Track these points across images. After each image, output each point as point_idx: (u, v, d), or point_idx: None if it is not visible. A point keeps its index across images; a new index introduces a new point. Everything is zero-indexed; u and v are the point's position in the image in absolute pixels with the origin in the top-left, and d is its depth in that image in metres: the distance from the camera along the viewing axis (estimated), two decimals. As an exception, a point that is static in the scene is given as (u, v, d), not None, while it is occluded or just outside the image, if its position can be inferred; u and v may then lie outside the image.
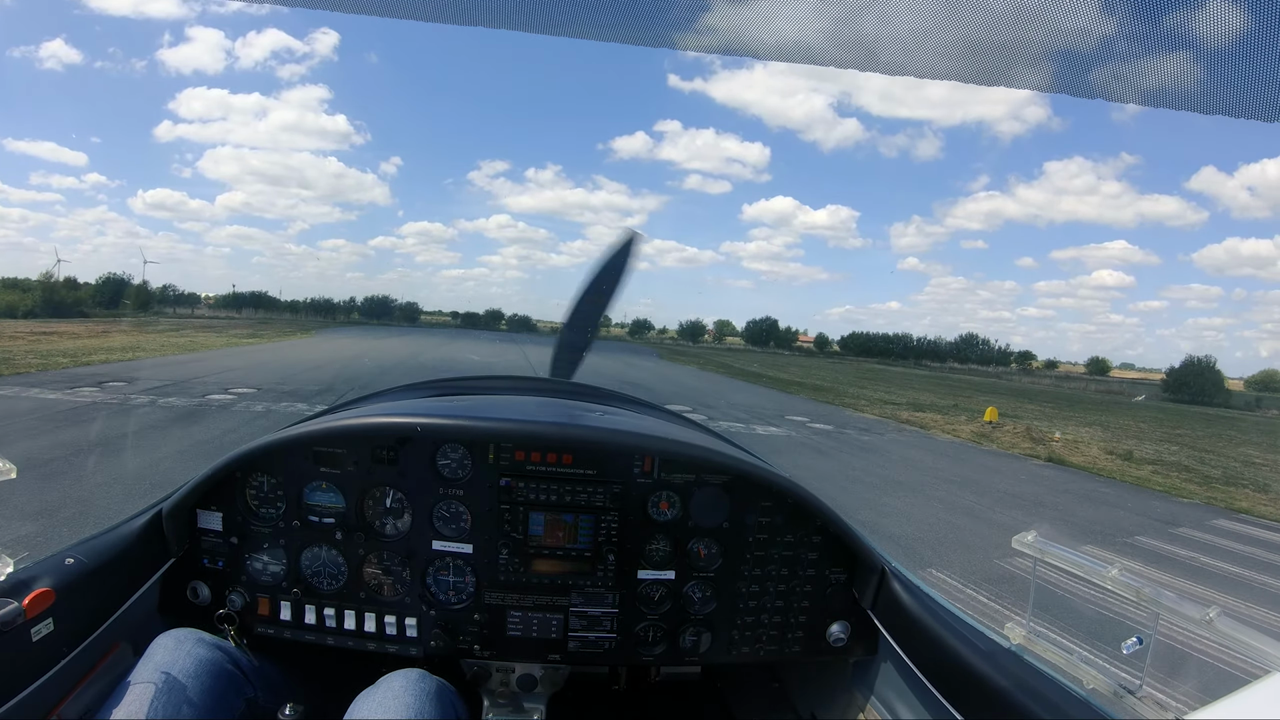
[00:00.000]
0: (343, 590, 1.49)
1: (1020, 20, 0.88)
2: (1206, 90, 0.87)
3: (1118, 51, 0.89)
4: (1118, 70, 0.91)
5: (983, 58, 0.95)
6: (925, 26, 0.92)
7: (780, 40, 0.97)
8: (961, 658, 1.26)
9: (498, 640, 1.51)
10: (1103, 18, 0.88)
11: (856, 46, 0.98)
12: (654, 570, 1.53)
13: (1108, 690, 1.08)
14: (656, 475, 1.52)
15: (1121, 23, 0.89)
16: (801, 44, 0.98)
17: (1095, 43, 0.89)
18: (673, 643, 1.55)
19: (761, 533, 1.56)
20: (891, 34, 0.95)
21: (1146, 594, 1.07)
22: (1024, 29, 0.88)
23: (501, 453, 1.49)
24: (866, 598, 1.55)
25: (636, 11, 0.97)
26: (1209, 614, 0.97)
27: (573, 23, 0.99)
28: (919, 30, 0.93)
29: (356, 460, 1.47)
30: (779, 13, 0.94)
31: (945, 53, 0.95)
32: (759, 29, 0.96)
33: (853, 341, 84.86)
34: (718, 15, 0.97)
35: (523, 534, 1.49)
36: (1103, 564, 1.16)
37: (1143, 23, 0.90)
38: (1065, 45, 0.91)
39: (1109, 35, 0.88)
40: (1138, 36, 0.89)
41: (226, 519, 1.48)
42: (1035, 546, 1.26)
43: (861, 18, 0.96)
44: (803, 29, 0.97)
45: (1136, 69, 0.90)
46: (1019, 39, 0.90)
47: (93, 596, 1.27)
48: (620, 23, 0.98)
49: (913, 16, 0.92)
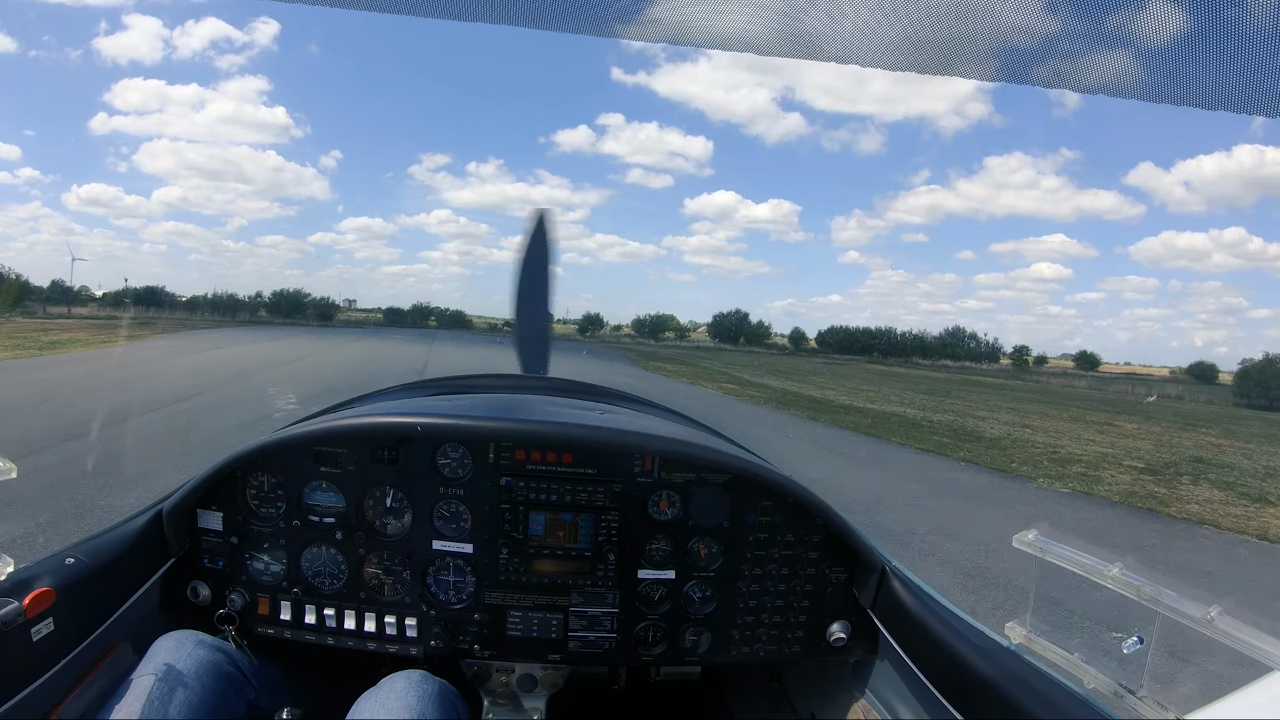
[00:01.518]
0: (343, 590, 1.48)
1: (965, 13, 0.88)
2: (1147, 79, 0.88)
3: (1060, 45, 0.90)
4: (1060, 63, 0.92)
5: (928, 50, 0.95)
6: (872, 17, 0.92)
7: (725, 30, 0.96)
8: (962, 657, 1.26)
9: (498, 640, 1.51)
10: (1046, 11, 0.88)
11: (802, 37, 0.97)
12: (654, 570, 1.53)
13: (1108, 690, 1.08)
14: (657, 474, 1.52)
15: (1064, 16, 0.89)
16: (747, 34, 0.97)
17: (1039, 36, 0.89)
18: (673, 642, 1.55)
19: (762, 532, 1.55)
20: (838, 26, 0.94)
21: (1148, 593, 1.07)
22: (969, 21, 0.89)
23: (502, 452, 1.48)
24: (866, 597, 1.55)
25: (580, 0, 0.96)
26: (1211, 613, 0.97)
27: (514, 11, 0.98)
28: (866, 20, 0.92)
29: (357, 460, 1.47)
30: (725, 3, 0.94)
31: (892, 44, 0.95)
32: (705, 18, 0.95)
33: (831, 337, 73.48)
34: (663, 4, 0.96)
35: (523, 534, 1.49)
36: (1104, 563, 1.16)
37: (1085, 16, 0.90)
38: (1009, 39, 0.91)
39: (1053, 27, 0.88)
40: (1080, 32, 0.89)
41: (227, 519, 1.48)
42: (1036, 545, 1.26)
43: (809, 9, 0.95)
44: (749, 18, 0.96)
45: (1080, 60, 0.91)
46: (964, 31, 0.90)
47: (93, 596, 1.27)
48: (563, 11, 0.96)
49: (860, 7, 0.92)
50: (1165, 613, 1.04)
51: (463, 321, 71.80)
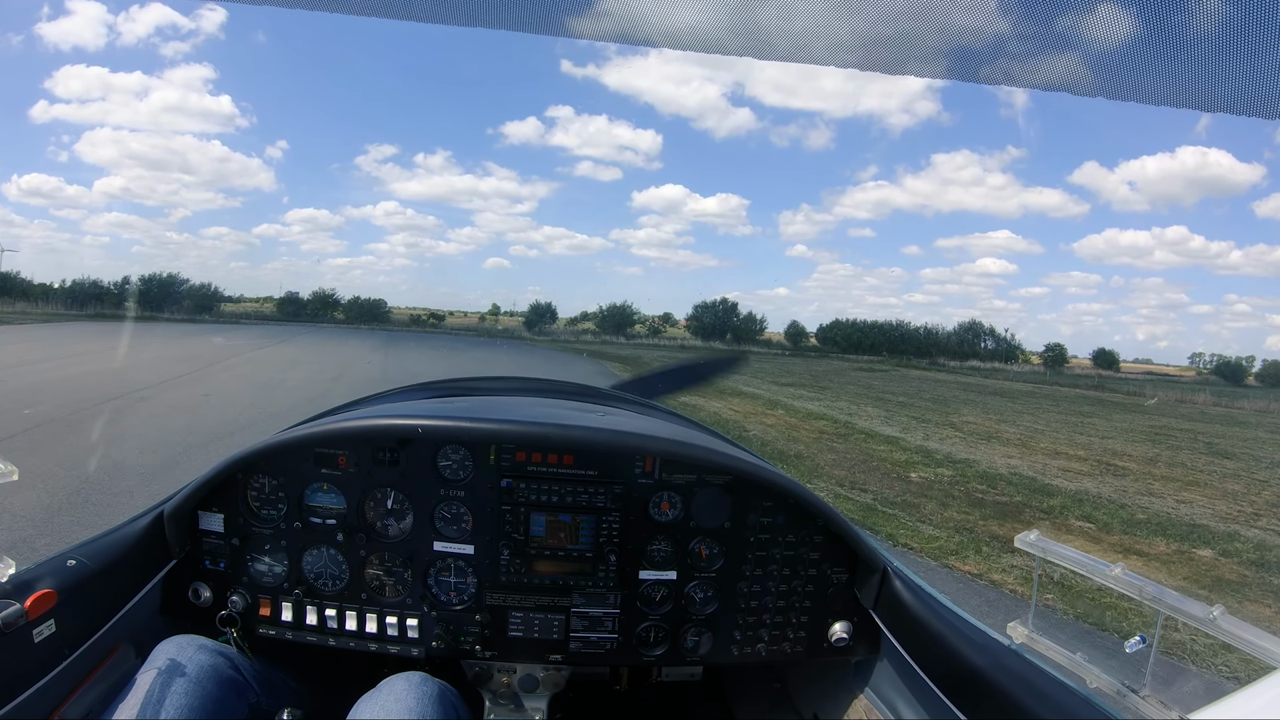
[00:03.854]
0: (344, 591, 1.49)
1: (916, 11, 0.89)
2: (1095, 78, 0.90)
3: (1010, 45, 0.91)
4: (1009, 62, 0.93)
5: (880, 48, 0.95)
6: (824, 14, 0.92)
7: (677, 27, 0.96)
8: (964, 657, 1.26)
9: (499, 641, 1.51)
10: (997, 12, 0.89)
11: (754, 34, 0.96)
12: (655, 571, 1.53)
13: (1111, 689, 1.08)
14: (658, 475, 1.52)
15: (1015, 17, 0.90)
16: (698, 31, 0.97)
17: (988, 37, 0.90)
18: (674, 643, 1.55)
19: (763, 533, 1.55)
20: (790, 24, 0.94)
21: (1150, 593, 1.07)
22: (920, 20, 0.89)
23: (503, 453, 1.48)
24: (868, 597, 1.55)
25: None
26: (1213, 613, 0.97)
27: (462, 11, 0.98)
28: (818, 18, 0.92)
29: (358, 461, 1.47)
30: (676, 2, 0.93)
31: (843, 42, 0.95)
32: (656, 15, 0.94)
33: (835, 333, 60.60)
34: (613, 1, 0.95)
35: (524, 535, 1.49)
36: (1106, 563, 1.16)
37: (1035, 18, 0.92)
38: (960, 40, 0.92)
39: (1003, 27, 0.90)
40: (1030, 34, 0.90)
41: (228, 520, 1.48)
42: (1038, 545, 1.26)
43: (760, 6, 0.95)
44: (700, 14, 0.95)
45: (1030, 60, 0.92)
46: (915, 29, 0.90)
47: (95, 598, 1.27)
48: (513, 11, 0.96)
49: (812, 4, 0.92)
50: (1168, 612, 1.04)
51: (379, 314, 56.23)
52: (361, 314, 55.14)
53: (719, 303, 61.98)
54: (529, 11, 0.97)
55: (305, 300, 56.06)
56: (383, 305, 57.33)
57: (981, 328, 60.97)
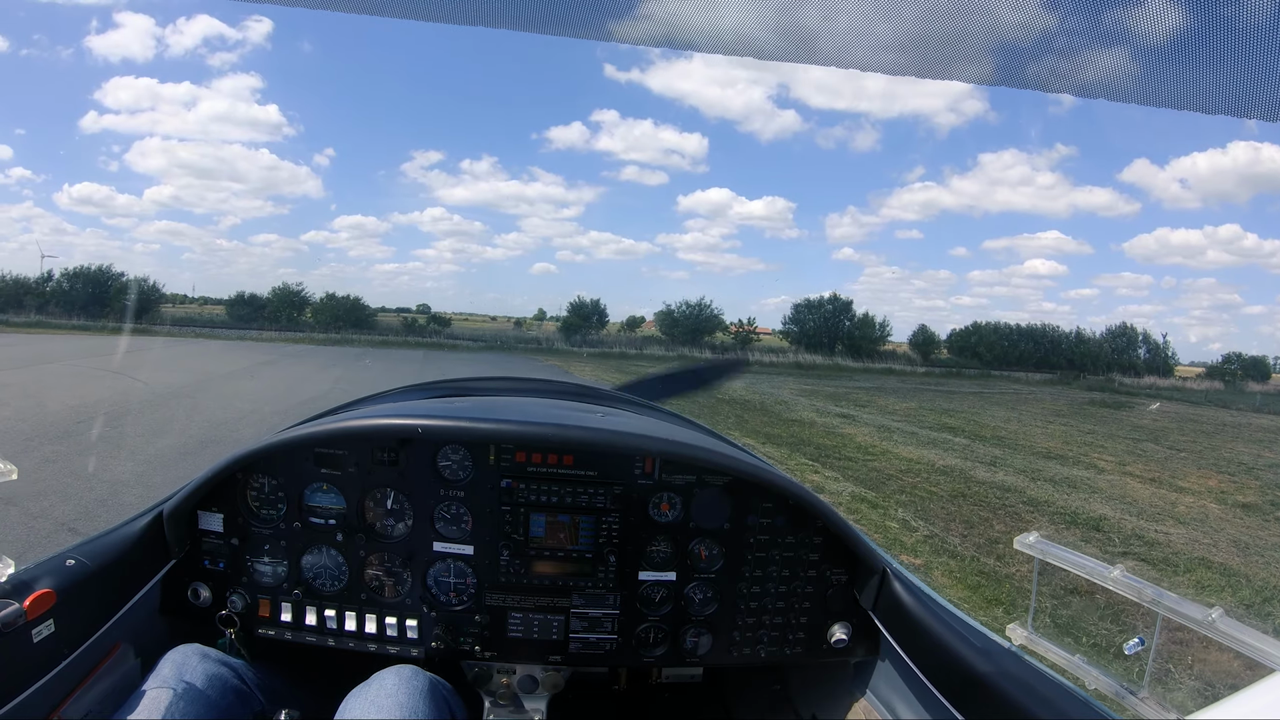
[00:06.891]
0: (344, 592, 1.48)
1: (960, 13, 0.88)
2: (1145, 82, 0.88)
3: (1057, 44, 0.89)
4: (1056, 63, 0.91)
5: (923, 51, 0.94)
6: (867, 18, 0.92)
7: (719, 31, 0.96)
8: (963, 658, 1.26)
9: (499, 641, 1.51)
10: (1043, 11, 0.88)
11: (797, 38, 0.96)
12: (655, 571, 1.53)
13: (1110, 691, 1.08)
14: (657, 476, 1.52)
15: (1062, 16, 0.89)
16: (741, 35, 0.96)
17: (1035, 35, 0.89)
18: (674, 644, 1.55)
19: (762, 534, 1.56)
20: (832, 26, 0.93)
21: (1149, 595, 1.07)
22: (964, 21, 0.88)
23: (502, 454, 1.49)
24: (867, 599, 1.55)
25: (572, 2, 0.95)
26: (1211, 615, 0.97)
27: (506, 14, 0.98)
28: (860, 22, 0.92)
29: (357, 461, 1.47)
30: (719, 3, 0.92)
31: (886, 45, 0.94)
32: (698, 19, 0.94)
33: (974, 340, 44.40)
34: (655, 4, 0.94)
35: (524, 535, 1.49)
36: (1105, 565, 1.16)
37: (1082, 16, 0.90)
38: (1005, 38, 0.91)
39: (1049, 28, 0.88)
40: (1077, 29, 0.89)
41: (227, 520, 1.48)
42: (1037, 547, 1.26)
43: (802, 9, 0.95)
44: (742, 20, 0.95)
45: (1075, 61, 0.90)
46: (959, 30, 0.89)
47: (94, 598, 1.27)
48: (555, 15, 0.96)
49: (854, 8, 0.91)
50: (1166, 614, 1.04)
51: (361, 317, 41.82)
52: (338, 316, 41.19)
53: (827, 301, 44.71)
54: (572, 16, 0.97)
55: (266, 299, 41.90)
56: (363, 306, 43.07)
57: (1134, 333, 45.84)
